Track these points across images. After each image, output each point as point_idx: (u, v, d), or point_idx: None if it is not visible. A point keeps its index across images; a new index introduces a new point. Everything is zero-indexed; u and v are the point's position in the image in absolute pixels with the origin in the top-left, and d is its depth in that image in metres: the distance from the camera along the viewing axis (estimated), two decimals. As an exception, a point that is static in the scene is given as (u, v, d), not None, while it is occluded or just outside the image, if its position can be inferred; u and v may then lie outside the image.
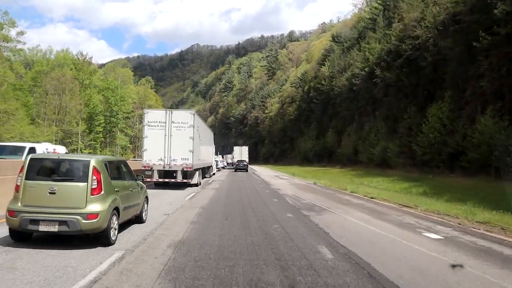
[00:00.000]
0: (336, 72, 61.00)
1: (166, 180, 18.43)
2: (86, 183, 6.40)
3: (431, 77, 32.64)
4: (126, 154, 67.43)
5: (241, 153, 57.21)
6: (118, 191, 7.19)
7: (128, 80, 72.62)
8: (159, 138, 18.05)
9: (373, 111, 46.26)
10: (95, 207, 6.36)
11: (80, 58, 57.91)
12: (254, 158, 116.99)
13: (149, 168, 17.97)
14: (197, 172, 20.01)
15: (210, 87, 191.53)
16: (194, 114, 18.83)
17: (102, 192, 6.52)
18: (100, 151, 54.80)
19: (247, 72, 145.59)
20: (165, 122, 18.15)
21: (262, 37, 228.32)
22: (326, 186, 23.28)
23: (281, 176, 35.97)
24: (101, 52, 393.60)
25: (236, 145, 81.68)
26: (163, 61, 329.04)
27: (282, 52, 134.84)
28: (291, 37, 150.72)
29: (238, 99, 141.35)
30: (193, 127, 18.39)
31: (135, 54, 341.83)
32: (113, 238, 6.79)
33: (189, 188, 18.88)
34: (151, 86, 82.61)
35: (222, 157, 63.38)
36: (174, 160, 18.07)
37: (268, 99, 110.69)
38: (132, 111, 67.93)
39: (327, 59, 67.40)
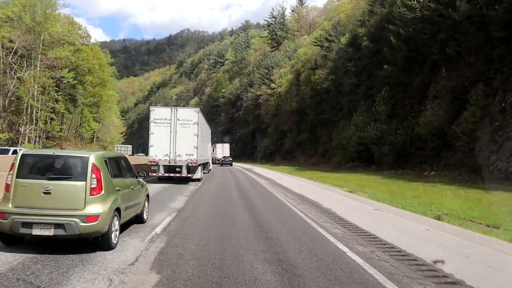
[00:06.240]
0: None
1: (171, 174, 19.03)
2: (84, 182, 5.76)
3: None
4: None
5: (223, 150, 59.06)
6: (119, 190, 6.58)
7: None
8: (164, 134, 18.52)
9: None
10: (95, 208, 5.74)
11: None
12: (250, 153, 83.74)
13: (155, 163, 18.63)
14: (199, 167, 20.64)
15: (196, 65, 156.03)
16: (198, 112, 19.38)
17: (103, 192, 5.90)
18: None
19: (245, 42, 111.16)
20: (171, 119, 18.55)
21: (258, 24, 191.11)
22: None
23: None
24: (95, 39, 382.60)
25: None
26: (150, 45, 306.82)
27: (292, 16, 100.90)
28: (301, 1, 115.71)
29: (230, 75, 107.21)
30: (197, 124, 18.87)
31: (121, 38, 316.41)
32: (114, 242, 6.11)
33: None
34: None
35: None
36: (179, 155, 18.64)
37: (275, 69, 77.32)
38: (12, 42, 33.98)
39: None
